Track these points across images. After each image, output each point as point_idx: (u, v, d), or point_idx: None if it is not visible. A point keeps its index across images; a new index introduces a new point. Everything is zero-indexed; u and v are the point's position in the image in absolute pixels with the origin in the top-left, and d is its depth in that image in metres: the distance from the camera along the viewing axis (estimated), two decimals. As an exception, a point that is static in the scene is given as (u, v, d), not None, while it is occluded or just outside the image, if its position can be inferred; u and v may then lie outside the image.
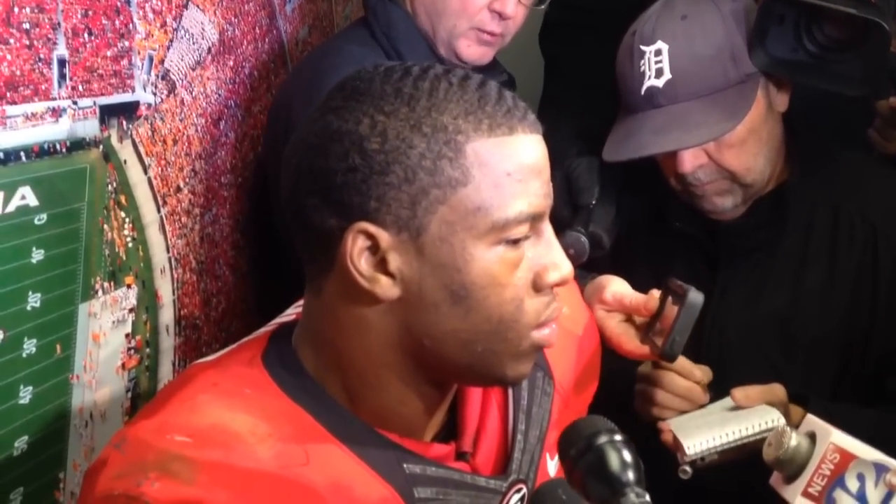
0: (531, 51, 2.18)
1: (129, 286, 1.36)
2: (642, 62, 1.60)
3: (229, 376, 0.99)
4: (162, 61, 1.42)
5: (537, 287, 0.97)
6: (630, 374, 1.48)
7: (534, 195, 0.95)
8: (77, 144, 1.23)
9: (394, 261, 0.93)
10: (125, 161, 1.34)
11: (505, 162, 0.94)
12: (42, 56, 1.15)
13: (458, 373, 1.00)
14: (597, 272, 1.41)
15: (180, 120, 1.49)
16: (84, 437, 1.27)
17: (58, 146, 1.19)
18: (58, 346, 1.21)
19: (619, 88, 1.67)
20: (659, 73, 1.58)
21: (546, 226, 0.98)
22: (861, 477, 1.06)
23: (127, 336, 1.36)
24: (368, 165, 0.92)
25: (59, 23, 1.18)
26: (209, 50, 1.58)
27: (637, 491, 0.91)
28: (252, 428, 0.92)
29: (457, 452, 1.04)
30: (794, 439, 1.09)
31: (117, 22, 1.29)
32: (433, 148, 0.92)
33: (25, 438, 1.17)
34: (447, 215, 0.92)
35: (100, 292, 1.29)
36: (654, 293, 1.30)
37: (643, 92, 1.60)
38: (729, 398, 1.43)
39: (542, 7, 1.76)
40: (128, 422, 0.99)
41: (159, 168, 1.43)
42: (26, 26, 1.12)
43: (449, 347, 0.96)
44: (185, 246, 1.53)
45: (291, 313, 1.11)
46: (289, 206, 0.98)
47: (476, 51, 1.72)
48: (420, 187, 0.92)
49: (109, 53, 1.28)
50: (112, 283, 1.31)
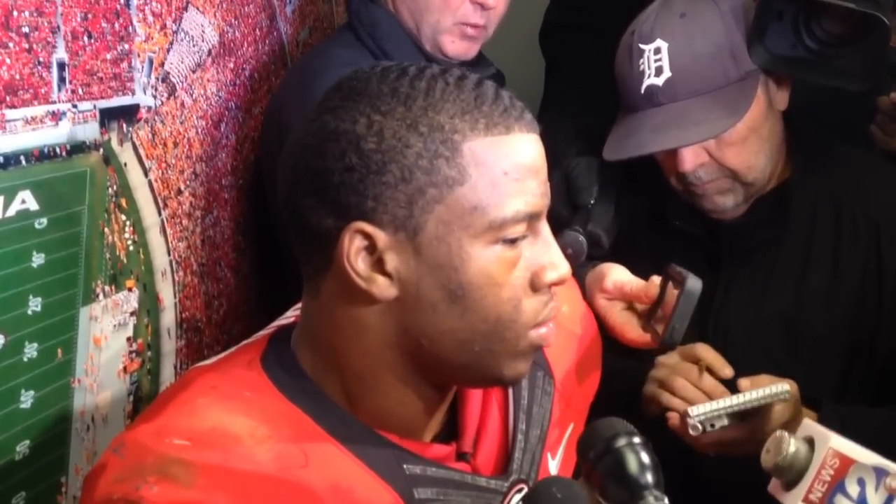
0: (531, 51, 2.17)
1: (131, 289, 1.36)
2: (642, 61, 1.60)
3: (228, 379, 0.98)
4: (162, 64, 1.42)
5: (535, 287, 0.97)
6: (631, 375, 1.48)
7: (531, 194, 0.95)
8: (77, 148, 1.22)
9: (391, 260, 0.93)
10: (125, 164, 1.33)
11: (502, 161, 0.93)
12: (41, 59, 1.15)
13: (456, 373, 0.99)
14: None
15: (181, 122, 1.49)
16: (86, 441, 1.27)
17: (58, 150, 1.19)
18: (59, 350, 1.21)
19: (619, 88, 1.67)
20: (658, 72, 1.58)
21: (543, 225, 0.98)
22: (861, 482, 1.05)
23: (128, 339, 1.36)
24: (365, 165, 0.92)
25: (59, 26, 1.17)
26: (209, 52, 1.58)
27: (656, 494, 0.91)
28: (251, 430, 0.92)
29: (457, 453, 1.04)
30: (793, 445, 1.08)
31: (117, 25, 1.29)
32: (430, 147, 0.92)
33: (27, 443, 1.16)
34: (444, 215, 0.92)
35: (101, 296, 1.28)
36: (655, 280, 1.30)
37: (643, 90, 1.60)
38: (739, 392, 1.42)
39: None
40: (128, 426, 0.99)
41: (160, 171, 1.43)
42: (25, 30, 1.12)
43: (446, 347, 0.96)
44: (187, 249, 1.53)
45: (290, 316, 1.11)
46: (286, 207, 0.98)
47: (460, 46, 1.72)
48: (417, 187, 0.92)
49: (109, 56, 1.28)
50: (113, 287, 1.31)
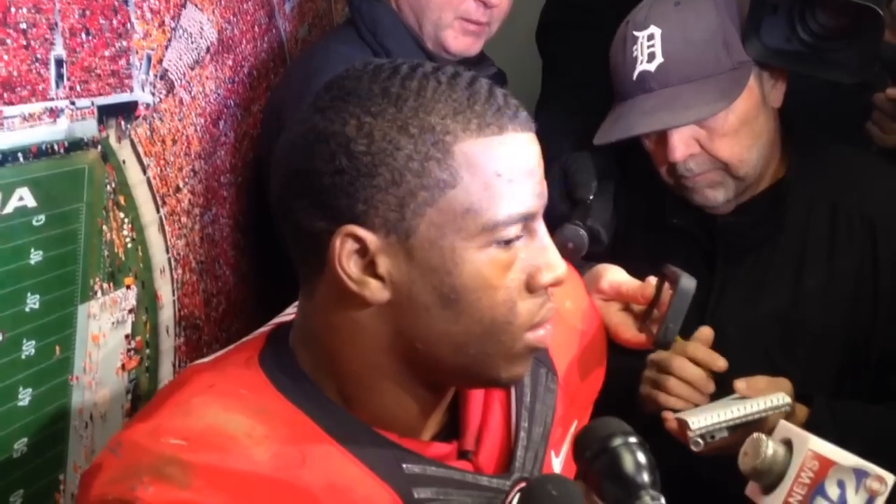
0: (528, 49, 2.17)
1: (129, 287, 1.36)
2: (635, 47, 1.60)
3: (225, 378, 0.98)
4: (160, 61, 1.41)
5: (531, 288, 0.95)
6: (630, 373, 1.48)
7: (525, 195, 0.93)
8: (75, 145, 1.22)
9: (383, 264, 0.92)
10: (124, 161, 1.33)
11: (494, 162, 0.92)
12: (39, 56, 1.14)
13: (452, 375, 0.99)
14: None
15: (179, 120, 1.49)
16: (84, 439, 1.26)
17: (56, 147, 1.19)
18: (57, 348, 1.21)
19: (612, 77, 1.67)
20: (651, 57, 1.58)
21: (539, 225, 0.97)
22: (841, 483, 1.04)
23: (127, 337, 1.36)
24: (355, 167, 0.90)
25: (57, 23, 1.17)
26: (208, 49, 1.58)
27: (652, 493, 0.91)
28: (248, 430, 0.91)
29: (459, 451, 1.04)
30: (771, 447, 1.07)
31: (115, 21, 1.29)
32: (420, 149, 0.90)
33: (25, 440, 1.16)
34: (436, 218, 0.91)
35: (99, 293, 1.28)
36: (651, 280, 1.30)
37: (635, 77, 1.60)
38: (735, 393, 1.42)
39: None
40: (125, 424, 0.99)
41: (158, 168, 1.43)
42: (23, 26, 1.11)
43: (441, 350, 0.95)
44: (185, 246, 1.53)
45: (290, 313, 1.10)
46: (279, 208, 0.97)
47: (463, 41, 1.71)
48: (408, 189, 0.90)
49: (107, 53, 1.28)
50: (111, 284, 1.31)
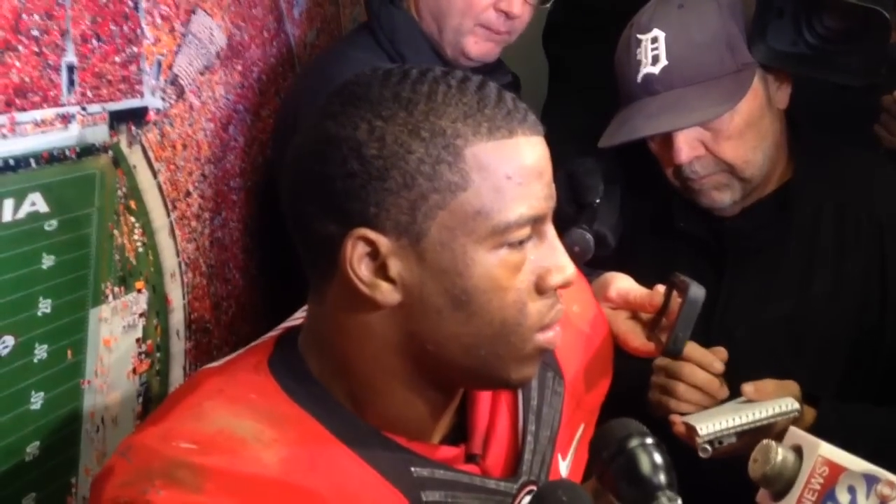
0: (535, 52, 2.18)
1: (140, 291, 1.36)
2: (639, 50, 1.60)
3: (235, 382, 0.98)
4: (170, 66, 1.42)
5: (540, 290, 0.96)
6: (637, 376, 1.48)
7: (535, 198, 0.94)
8: (86, 150, 1.23)
9: (394, 266, 0.92)
10: (135, 166, 1.34)
11: (505, 165, 0.93)
12: (51, 62, 1.15)
13: (462, 377, 0.99)
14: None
15: (189, 125, 1.49)
16: (96, 442, 1.27)
17: (67, 152, 1.20)
18: (69, 352, 1.22)
19: (617, 80, 1.67)
20: (655, 60, 1.58)
21: (548, 227, 0.97)
22: (852, 489, 1.03)
23: (138, 341, 1.36)
24: (367, 171, 0.91)
25: (68, 29, 1.18)
26: (217, 54, 1.59)
27: (669, 494, 0.91)
28: (258, 434, 0.92)
29: (466, 455, 1.04)
30: (781, 454, 1.06)
31: (125, 28, 1.30)
32: (432, 153, 0.91)
33: (37, 444, 1.17)
34: (447, 220, 0.92)
35: (110, 297, 1.29)
36: (659, 289, 1.30)
37: (639, 80, 1.60)
38: (742, 396, 1.42)
39: (547, 6, 1.76)
40: (136, 428, 0.99)
41: (169, 173, 1.43)
42: (35, 33, 1.12)
43: (452, 352, 0.95)
44: (195, 250, 1.54)
45: (299, 317, 1.10)
46: (290, 213, 0.98)
47: (483, 47, 1.72)
48: (419, 192, 0.91)
49: (118, 59, 1.28)
50: (122, 288, 1.32)
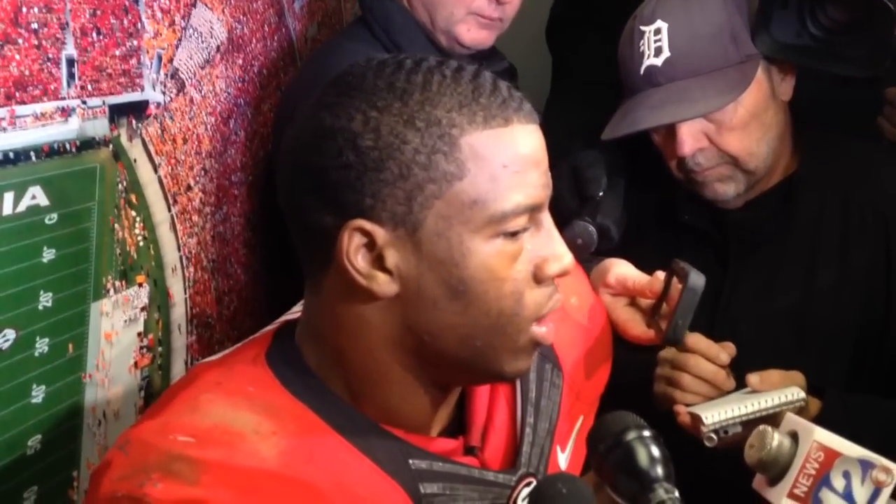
0: (538, 47, 2.17)
1: (141, 285, 1.36)
2: (642, 42, 1.60)
3: (232, 375, 0.98)
4: (171, 60, 1.42)
5: (538, 279, 0.96)
6: (641, 369, 1.48)
7: (531, 186, 0.94)
8: (87, 144, 1.23)
9: (391, 257, 0.93)
10: (135, 160, 1.34)
11: (501, 154, 0.93)
12: (51, 56, 1.15)
13: (457, 369, 0.99)
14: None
15: (190, 118, 1.49)
16: (97, 436, 1.27)
17: (68, 146, 1.19)
18: (70, 346, 1.22)
19: (620, 72, 1.67)
20: (658, 52, 1.58)
21: (545, 216, 0.97)
22: (847, 475, 1.04)
23: (139, 335, 1.36)
24: (362, 162, 0.91)
25: (68, 22, 1.18)
26: (218, 48, 1.58)
27: (666, 486, 0.91)
28: (255, 426, 0.92)
29: (465, 447, 1.04)
30: (776, 439, 1.07)
31: (125, 21, 1.30)
32: (427, 143, 0.91)
33: (39, 437, 1.17)
34: (443, 210, 0.92)
35: (111, 291, 1.29)
36: (659, 275, 1.30)
37: (642, 71, 1.60)
38: (747, 387, 1.42)
39: None
40: (135, 422, 1.00)
41: (169, 167, 1.43)
42: (34, 26, 1.12)
43: (448, 343, 0.95)
44: (197, 244, 1.53)
45: (296, 311, 1.10)
46: (286, 205, 0.98)
47: (477, 34, 1.72)
48: (415, 183, 0.91)
49: (118, 52, 1.28)
50: (124, 282, 1.32)
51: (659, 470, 0.92)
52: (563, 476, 0.98)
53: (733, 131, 1.57)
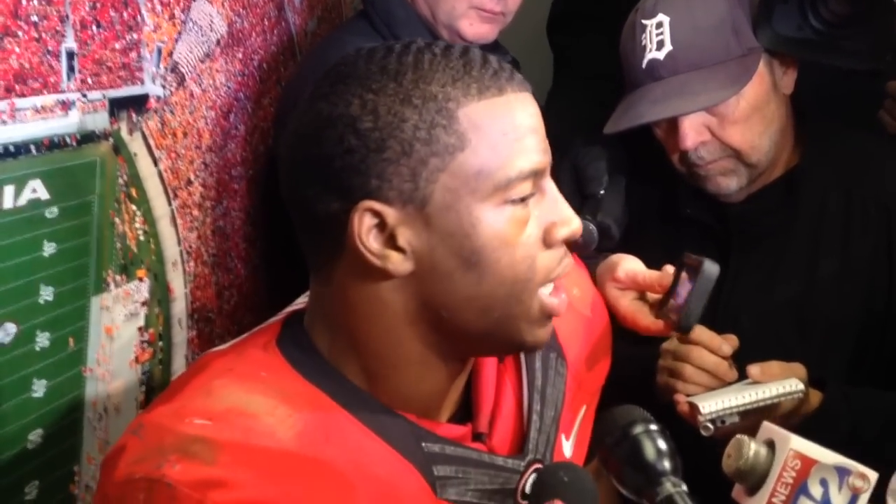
0: (540, 41, 2.17)
1: (142, 279, 1.36)
2: (644, 35, 1.60)
3: (244, 361, 0.99)
4: (171, 53, 1.42)
5: (548, 243, 0.97)
6: (640, 361, 1.48)
7: (532, 151, 0.95)
8: (87, 137, 1.23)
9: (402, 235, 0.93)
10: (135, 154, 1.34)
11: (498, 122, 0.94)
12: (51, 49, 1.15)
13: (478, 341, 1.00)
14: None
15: (190, 112, 1.49)
16: (98, 431, 1.27)
17: (68, 139, 1.19)
18: (71, 340, 1.21)
19: (622, 66, 1.66)
20: (660, 46, 1.58)
21: (549, 182, 0.99)
22: (824, 482, 1.05)
23: (140, 329, 1.36)
24: (364, 145, 0.92)
25: (68, 15, 1.17)
26: (218, 42, 1.58)
27: (673, 480, 0.92)
28: (270, 409, 0.92)
29: (473, 433, 1.04)
30: (753, 448, 1.07)
31: (125, 14, 1.29)
32: (426, 118, 0.92)
33: (39, 432, 1.17)
34: (449, 182, 0.93)
35: (112, 285, 1.29)
36: (668, 269, 1.30)
37: (644, 65, 1.60)
38: (748, 378, 1.42)
39: None
40: (146, 408, 0.99)
41: (170, 161, 1.43)
42: (34, 19, 1.12)
43: (466, 316, 0.96)
44: (197, 239, 1.53)
45: (301, 303, 1.10)
46: (291, 200, 0.98)
47: (480, 28, 1.71)
48: (418, 158, 0.92)
49: (118, 46, 1.28)
50: (124, 277, 1.31)
51: (666, 463, 0.93)
52: (565, 465, 0.99)
53: (735, 125, 1.57)
